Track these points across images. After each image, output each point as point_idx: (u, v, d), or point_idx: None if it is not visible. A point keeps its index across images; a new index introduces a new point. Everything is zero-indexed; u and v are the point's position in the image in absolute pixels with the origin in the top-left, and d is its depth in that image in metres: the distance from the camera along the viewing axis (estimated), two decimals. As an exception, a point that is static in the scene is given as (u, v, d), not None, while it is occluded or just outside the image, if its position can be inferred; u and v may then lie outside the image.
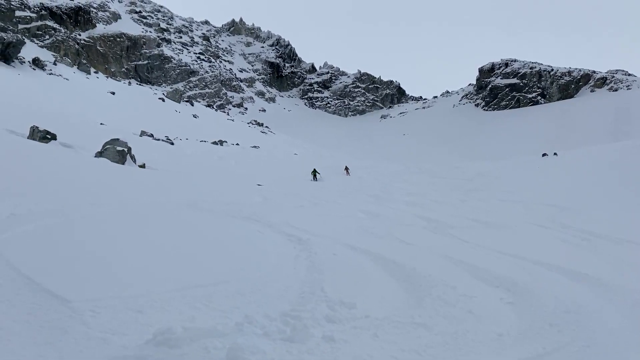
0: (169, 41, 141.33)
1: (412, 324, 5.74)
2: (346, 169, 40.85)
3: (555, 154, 42.05)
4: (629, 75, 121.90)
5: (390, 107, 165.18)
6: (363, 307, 6.13)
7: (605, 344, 5.47)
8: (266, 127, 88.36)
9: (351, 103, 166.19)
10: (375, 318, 5.77)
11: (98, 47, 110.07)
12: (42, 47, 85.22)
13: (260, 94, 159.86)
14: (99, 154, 19.52)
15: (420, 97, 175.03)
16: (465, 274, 8.60)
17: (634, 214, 17.14)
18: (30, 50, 68.50)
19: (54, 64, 63.62)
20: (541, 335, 5.68)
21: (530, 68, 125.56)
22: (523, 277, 8.35)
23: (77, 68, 69.31)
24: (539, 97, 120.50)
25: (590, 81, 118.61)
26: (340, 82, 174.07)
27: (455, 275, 8.43)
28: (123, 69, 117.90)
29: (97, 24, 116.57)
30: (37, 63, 59.67)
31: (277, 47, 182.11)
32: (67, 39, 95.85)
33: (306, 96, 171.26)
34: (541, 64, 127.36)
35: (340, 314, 5.74)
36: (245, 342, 4.29)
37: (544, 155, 43.42)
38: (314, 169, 34.59)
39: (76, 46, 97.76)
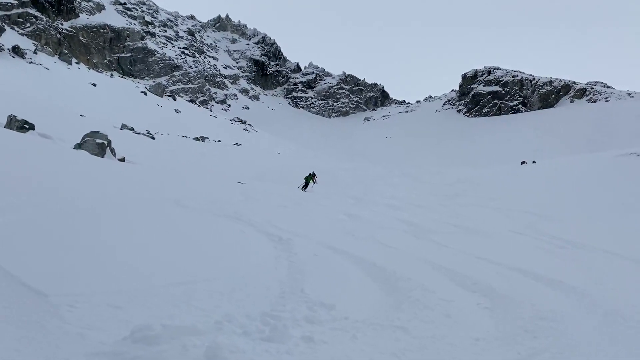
0: (153, 34, 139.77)
1: (391, 326, 5.78)
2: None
3: (534, 162, 42.69)
4: (608, 87, 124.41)
5: (373, 109, 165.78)
6: (343, 309, 6.15)
7: (578, 350, 5.57)
8: (249, 124, 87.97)
9: (335, 104, 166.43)
10: (354, 320, 5.80)
11: (80, 38, 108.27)
12: (22, 35, 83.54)
13: (244, 91, 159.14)
14: (78, 146, 19.23)
15: (404, 101, 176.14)
16: (444, 278, 8.69)
17: (609, 223, 17.50)
18: (10, 37, 67.07)
19: (35, 52, 62.43)
20: (516, 341, 5.77)
21: (513, 76, 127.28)
22: (500, 283, 8.47)
23: (58, 58, 68.11)
24: (520, 106, 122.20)
25: (570, 91, 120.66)
26: (325, 83, 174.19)
27: (434, 279, 8.51)
28: (105, 61, 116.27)
29: (80, 14, 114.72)
30: (17, 51, 58.49)
31: (262, 45, 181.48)
32: (49, 27, 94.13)
33: (290, 95, 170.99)
34: (523, 73, 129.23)
35: (319, 315, 5.75)
36: (225, 341, 4.27)
37: (523, 163, 44.05)
38: (311, 174, 28.07)
39: (58, 35, 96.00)
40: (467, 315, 6.58)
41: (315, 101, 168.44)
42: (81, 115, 32.29)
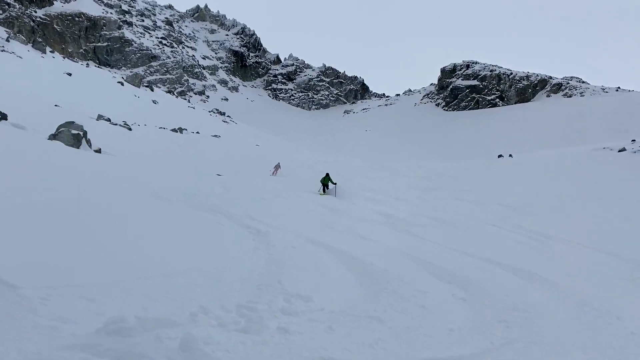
0: (130, 24, 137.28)
1: (367, 317, 5.83)
2: (276, 167, 30.77)
3: (510, 155, 43.30)
4: (583, 82, 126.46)
5: (353, 102, 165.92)
6: (320, 300, 6.19)
7: (550, 340, 5.70)
8: (228, 116, 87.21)
9: (315, 96, 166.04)
10: (331, 311, 5.84)
11: (55, 26, 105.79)
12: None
13: (223, 82, 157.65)
14: (53, 137, 18.82)
15: (383, 94, 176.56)
16: (421, 270, 8.79)
17: (583, 216, 17.86)
18: (-19, 25, 65.19)
19: (7, 40, 60.77)
20: (490, 331, 5.88)
21: (491, 71, 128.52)
22: (475, 274, 8.61)
23: (32, 46, 66.43)
24: (497, 100, 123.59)
25: (546, 86, 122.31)
26: (305, 75, 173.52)
27: (411, 271, 8.60)
28: (81, 50, 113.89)
29: (54, 2, 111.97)
30: (-12, 39, 56.72)
31: (241, 35, 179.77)
32: (22, 15, 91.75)
33: (270, 87, 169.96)
34: (501, 67, 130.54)
35: (296, 307, 5.78)
36: (200, 333, 4.27)
37: (499, 156, 44.65)
38: (326, 176, 24.43)
39: (31, 23, 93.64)
40: (442, 306, 6.68)
41: (295, 93, 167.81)
42: (56, 106, 31.58)
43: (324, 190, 23.91)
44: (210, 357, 3.92)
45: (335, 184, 24.30)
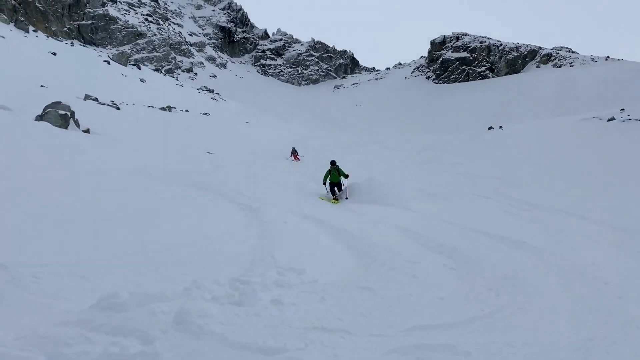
0: (114, 1, 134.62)
1: (359, 288, 5.91)
2: (293, 153, 28.96)
3: (500, 127, 43.39)
4: (572, 52, 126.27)
5: (343, 77, 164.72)
6: (312, 273, 6.25)
7: (538, 306, 5.81)
8: (217, 93, 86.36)
9: (304, 72, 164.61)
10: (323, 283, 5.91)
11: (37, 4, 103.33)
12: (-26, 1, 79.30)
13: (211, 59, 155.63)
14: (40, 118, 18.59)
15: (373, 68, 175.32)
16: (411, 241, 8.88)
17: (570, 186, 18.03)
18: (-40, 4, 63.60)
19: (-12, 20, 59.51)
20: (480, 299, 5.97)
21: (480, 42, 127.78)
22: (465, 244, 8.70)
23: (14, 26, 65.09)
24: (487, 72, 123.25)
25: (536, 57, 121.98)
26: (294, 50, 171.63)
27: (401, 242, 8.69)
28: (65, 29, 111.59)
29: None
30: (-31, 18, 55.55)
31: (228, 11, 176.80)
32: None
33: (259, 63, 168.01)
34: (491, 39, 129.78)
35: (289, 279, 5.84)
36: (193, 306, 4.31)
37: (490, 128, 44.73)
38: (334, 168, 15.59)
39: (13, 2, 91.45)
40: (432, 276, 6.77)
41: (285, 69, 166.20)
42: (41, 86, 31.08)
43: (333, 192, 15.36)
44: (204, 329, 3.97)
45: (347, 176, 15.78)
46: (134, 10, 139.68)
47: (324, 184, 15.69)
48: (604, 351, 4.37)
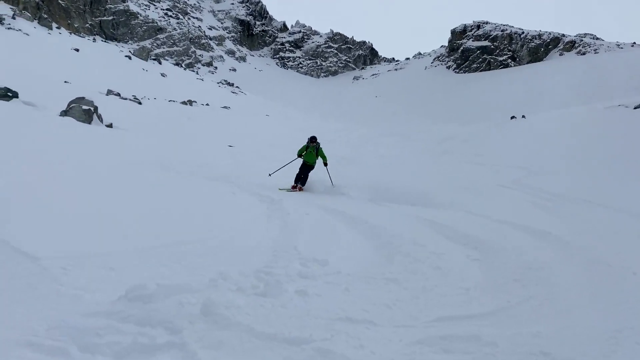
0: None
1: (383, 279, 5.90)
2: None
3: (523, 116, 42.69)
4: (597, 39, 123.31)
5: (362, 68, 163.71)
6: (335, 264, 6.26)
7: (565, 297, 5.73)
8: (237, 87, 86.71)
9: (323, 64, 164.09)
10: (347, 274, 5.91)
11: (60, 1, 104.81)
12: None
13: (231, 52, 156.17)
14: (64, 113, 18.91)
15: (393, 58, 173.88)
16: (434, 233, 8.82)
17: (595, 175, 17.69)
18: (-14, 3, 64.82)
19: (13, 17, 60.51)
20: (506, 290, 5.91)
21: (502, 30, 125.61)
22: (489, 235, 8.61)
23: (38, 23, 66.08)
24: (509, 60, 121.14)
25: (559, 44, 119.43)
26: (313, 42, 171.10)
27: (424, 234, 8.64)
28: (87, 25, 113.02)
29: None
30: (-6, 17, 56.52)
31: (247, 4, 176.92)
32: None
33: (278, 56, 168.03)
34: (512, 27, 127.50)
35: (313, 271, 5.86)
36: (220, 298, 4.35)
37: (512, 118, 44.04)
38: (314, 144, 14.05)
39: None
40: (457, 267, 6.72)
41: (304, 61, 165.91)
42: (65, 82, 31.58)
43: (298, 178, 13.81)
44: (231, 320, 4.01)
45: (326, 163, 14.16)
46: (154, 5, 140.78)
47: (299, 156, 14.11)
48: (633, 342, 4.29)
